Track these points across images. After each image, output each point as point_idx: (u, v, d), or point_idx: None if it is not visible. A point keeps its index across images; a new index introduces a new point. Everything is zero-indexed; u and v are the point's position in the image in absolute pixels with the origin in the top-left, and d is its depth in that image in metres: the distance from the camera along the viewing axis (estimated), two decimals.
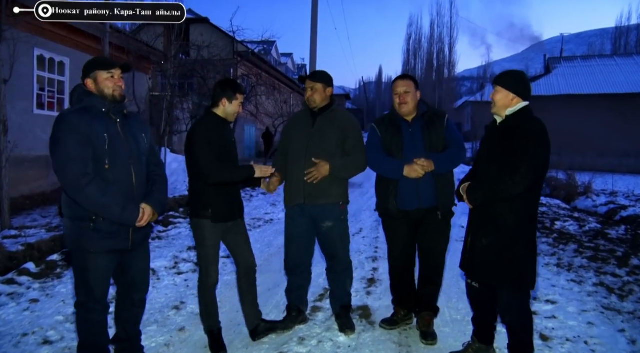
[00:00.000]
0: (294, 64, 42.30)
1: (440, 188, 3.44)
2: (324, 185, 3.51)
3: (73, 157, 2.52)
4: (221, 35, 18.56)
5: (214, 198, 3.26)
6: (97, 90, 2.71)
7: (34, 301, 4.00)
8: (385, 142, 3.57)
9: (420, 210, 3.47)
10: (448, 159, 3.45)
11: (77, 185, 2.52)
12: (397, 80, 3.58)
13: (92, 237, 2.64)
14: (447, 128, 3.51)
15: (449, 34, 52.94)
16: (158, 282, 4.71)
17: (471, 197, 2.96)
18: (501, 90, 2.95)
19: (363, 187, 13.68)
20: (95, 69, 2.72)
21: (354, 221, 8.39)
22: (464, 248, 3.12)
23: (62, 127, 2.57)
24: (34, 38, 9.41)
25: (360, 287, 4.71)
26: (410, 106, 3.50)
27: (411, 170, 3.36)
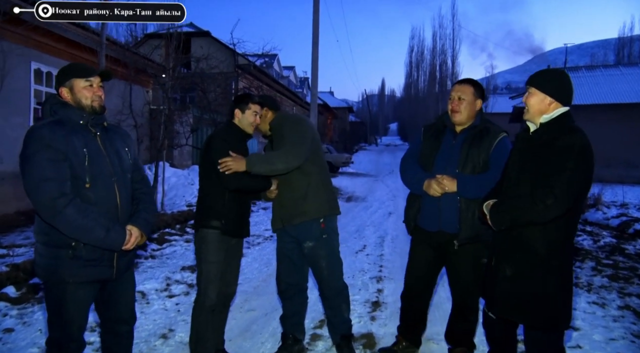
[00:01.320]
0: (296, 77, 42.24)
1: (464, 214, 2.99)
2: (295, 202, 3.25)
3: (47, 177, 2.23)
4: (222, 48, 18.42)
5: (227, 208, 3.07)
6: (74, 100, 2.43)
7: (8, 331, 3.68)
8: (422, 149, 3.25)
9: (444, 233, 3.08)
10: (477, 183, 2.93)
11: (54, 208, 2.22)
12: (454, 84, 3.22)
13: (70, 265, 2.33)
14: (495, 148, 3.01)
15: (451, 46, 52.82)
16: (147, 306, 4.39)
17: (495, 218, 2.54)
18: (536, 92, 2.52)
19: (366, 201, 13.38)
20: (72, 77, 2.43)
21: (357, 237, 8.08)
22: (486, 273, 2.73)
23: (34, 142, 2.27)
24: (30, 51, 9.23)
25: (363, 311, 4.38)
26: (464, 115, 3.08)
27: (429, 187, 3.02)
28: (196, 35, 19.21)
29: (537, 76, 2.58)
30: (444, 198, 3.02)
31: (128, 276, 2.66)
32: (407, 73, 67.02)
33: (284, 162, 3.07)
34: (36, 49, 9.52)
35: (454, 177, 2.96)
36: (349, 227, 9.07)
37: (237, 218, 3.16)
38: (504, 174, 2.71)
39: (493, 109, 39.10)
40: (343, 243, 7.49)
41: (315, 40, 15.77)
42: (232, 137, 3.17)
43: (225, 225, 3.09)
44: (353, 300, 4.64)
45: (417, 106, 58.81)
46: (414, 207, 3.23)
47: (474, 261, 3.06)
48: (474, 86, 3.12)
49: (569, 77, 2.59)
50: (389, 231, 8.65)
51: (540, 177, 2.39)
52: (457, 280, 3.18)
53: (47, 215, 2.24)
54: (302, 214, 3.25)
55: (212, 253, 3.09)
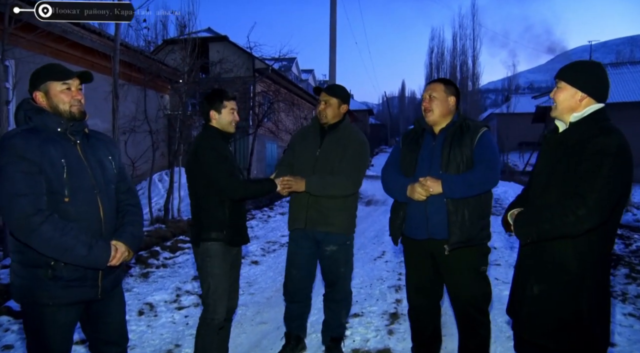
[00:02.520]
0: (315, 80, 42.11)
1: (452, 216, 2.76)
2: (327, 212, 3.26)
3: (20, 192, 2.03)
4: (239, 52, 18.36)
5: (228, 217, 2.92)
6: (50, 105, 2.22)
7: (7, 348, 3.55)
8: (402, 156, 3.06)
9: (434, 241, 2.84)
10: (464, 181, 2.74)
11: (28, 226, 2.02)
12: (427, 84, 3.07)
13: (49, 286, 2.14)
14: (478, 144, 2.82)
15: (471, 46, 52.04)
16: (155, 319, 4.22)
17: (521, 231, 2.26)
18: (566, 87, 2.25)
19: (386, 205, 13.07)
20: (47, 80, 2.21)
21: (376, 243, 7.82)
22: (512, 290, 2.46)
23: (5, 153, 2.06)
24: (47, 59, 9.23)
25: (381, 324, 4.13)
26: (436, 114, 2.92)
27: (413, 191, 2.80)
28: (213, 40, 19.20)
29: (568, 68, 2.31)
30: (430, 203, 2.81)
31: (115, 294, 2.45)
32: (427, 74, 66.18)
33: (344, 190, 3.25)
34: (52, 56, 9.53)
35: (439, 178, 2.75)
36: (368, 232, 8.81)
37: (238, 226, 3.04)
38: (530, 179, 2.45)
39: (515, 109, 38.41)
40: (361, 249, 7.31)
41: (332, 44, 15.56)
42: (216, 142, 3.00)
43: (227, 235, 2.95)
44: (370, 311, 4.44)
45: None
46: (399, 217, 3.01)
47: (471, 269, 2.84)
48: (444, 83, 2.99)
49: (605, 70, 2.30)
50: None
51: (571, 184, 2.12)
52: (456, 290, 2.92)
53: (21, 234, 2.05)
54: (329, 225, 3.28)
55: (217, 266, 2.94)
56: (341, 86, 3.46)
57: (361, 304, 4.66)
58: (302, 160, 3.37)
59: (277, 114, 17.82)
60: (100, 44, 10.01)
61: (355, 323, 4.15)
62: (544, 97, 30.23)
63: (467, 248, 2.79)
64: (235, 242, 3.01)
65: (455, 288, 2.90)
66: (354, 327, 4.05)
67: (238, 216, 3.04)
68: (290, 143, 3.63)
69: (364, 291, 5.11)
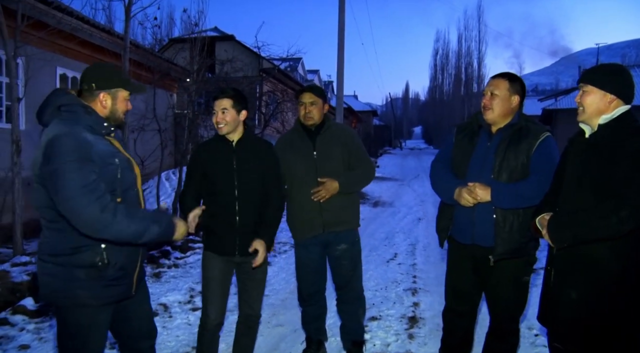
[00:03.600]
0: (320, 80, 42.05)
1: (500, 227, 2.62)
2: (341, 210, 3.29)
3: (85, 191, 1.95)
4: (246, 51, 18.33)
5: (208, 222, 2.83)
6: (111, 109, 2.23)
7: (24, 347, 3.49)
8: (454, 152, 2.90)
9: (478, 247, 2.73)
10: (515, 192, 2.57)
11: (100, 223, 1.96)
12: (489, 79, 2.87)
13: (92, 286, 2.09)
14: (536, 150, 2.62)
15: (477, 47, 52.13)
16: (170, 320, 4.16)
17: (556, 235, 2.20)
18: (593, 90, 2.22)
19: (394, 206, 13.00)
20: (120, 86, 2.24)
21: (387, 245, 7.74)
22: (544, 297, 2.39)
23: (65, 153, 1.96)
24: (56, 56, 9.20)
25: (400, 328, 4.05)
26: (496, 113, 2.70)
27: (459, 196, 2.67)
28: (220, 39, 19.17)
29: (595, 72, 2.30)
30: (478, 209, 2.67)
31: (142, 288, 2.46)
32: (431, 76, 66.44)
33: (370, 177, 3.43)
34: (61, 54, 9.51)
35: (488, 185, 2.61)
36: (378, 233, 8.74)
37: (220, 234, 2.84)
38: (558, 184, 2.38)
39: None
40: (373, 251, 7.24)
41: (340, 45, 15.50)
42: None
43: (207, 241, 2.92)
44: (387, 315, 4.37)
45: (441, 109, 58.12)
46: (445, 217, 2.90)
47: (513, 279, 2.72)
48: (509, 80, 2.73)
49: (629, 72, 2.30)
50: (420, 238, 8.29)
51: (606, 185, 2.08)
52: (495, 299, 2.82)
53: (94, 232, 1.98)
54: (344, 223, 3.31)
55: (206, 268, 2.93)
56: (319, 86, 3.51)
57: (378, 307, 4.59)
58: (299, 166, 3.27)
59: (284, 114, 17.76)
60: (109, 42, 9.96)
61: (374, 326, 4.08)
62: (550, 100, 30.12)
63: (512, 259, 2.68)
64: (212, 249, 2.89)
65: (495, 295, 2.80)
66: (373, 330, 3.98)
67: (221, 223, 2.84)
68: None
69: (380, 294, 5.04)
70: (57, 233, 2.07)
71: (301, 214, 3.31)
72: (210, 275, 2.88)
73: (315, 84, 3.73)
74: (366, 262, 6.29)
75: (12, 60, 6.31)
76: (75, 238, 2.05)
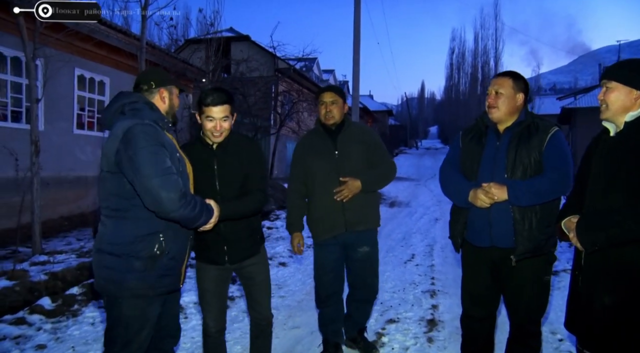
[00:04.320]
0: (335, 80, 41.97)
1: (519, 225, 2.54)
2: (363, 209, 3.30)
3: (170, 171, 2.10)
4: (262, 52, 18.35)
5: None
6: (169, 104, 2.42)
7: (41, 347, 3.49)
8: (462, 155, 2.83)
9: (497, 249, 2.63)
10: (532, 188, 2.49)
11: (175, 205, 2.07)
12: (492, 78, 2.82)
13: (147, 277, 2.17)
14: (548, 145, 2.56)
15: (494, 46, 51.56)
16: (185, 321, 4.13)
17: (586, 238, 2.11)
18: (618, 86, 2.14)
19: (410, 206, 12.90)
20: (173, 84, 2.45)
21: (404, 246, 7.65)
22: (571, 302, 2.29)
23: (144, 137, 2.11)
24: (74, 58, 9.29)
25: (419, 332, 3.97)
26: (502, 111, 2.64)
27: (475, 198, 2.58)
28: (236, 40, 19.22)
29: (620, 68, 2.22)
30: (494, 210, 2.58)
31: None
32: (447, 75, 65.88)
33: (392, 176, 3.43)
34: (79, 56, 9.59)
35: (504, 184, 2.53)
36: (395, 234, 8.65)
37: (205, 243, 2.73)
38: (582, 184, 2.29)
39: (539, 111, 37.73)
40: (390, 252, 7.15)
41: (356, 44, 15.40)
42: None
43: (195, 250, 2.77)
44: (406, 318, 4.30)
45: (457, 109, 57.61)
46: (459, 221, 2.79)
47: (534, 279, 2.63)
48: (513, 78, 2.69)
49: None
50: (437, 239, 8.17)
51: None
52: (516, 300, 2.71)
53: (167, 211, 2.07)
54: (366, 222, 3.31)
55: (199, 279, 2.87)
56: (339, 87, 3.51)
57: (396, 309, 4.51)
58: (321, 166, 3.29)
59: (300, 114, 17.73)
60: (125, 43, 10.03)
61: (392, 329, 4.00)
62: (569, 99, 29.65)
63: (533, 257, 2.59)
64: (200, 258, 2.82)
65: (515, 297, 2.70)
66: (390, 333, 3.91)
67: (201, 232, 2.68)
68: (297, 157, 3.48)
69: (397, 296, 4.95)
70: (120, 222, 2.16)
71: (323, 214, 3.29)
72: (204, 287, 2.83)
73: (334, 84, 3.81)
74: (383, 263, 6.21)
75: (31, 61, 6.37)
76: (137, 227, 2.15)
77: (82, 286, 4.74)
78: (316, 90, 24.22)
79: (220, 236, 2.68)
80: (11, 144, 7.55)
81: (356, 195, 3.21)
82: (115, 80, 10.74)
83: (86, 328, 3.84)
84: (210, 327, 2.85)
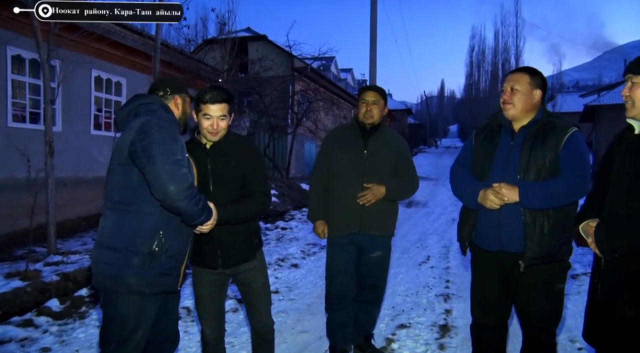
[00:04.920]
0: (353, 79, 41.82)
1: (529, 229, 2.40)
2: (381, 215, 3.28)
3: (178, 163, 2.12)
4: (278, 51, 18.32)
5: None
6: (182, 111, 2.49)
7: (45, 350, 3.46)
8: (474, 154, 2.69)
9: (506, 254, 2.49)
10: (546, 191, 2.36)
11: (182, 195, 2.08)
12: (507, 74, 2.69)
13: (145, 273, 2.15)
14: (565, 146, 2.41)
15: (514, 43, 50.74)
16: (192, 325, 4.08)
17: (607, 244, 1.98)
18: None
19: (428, 206, 12.72)
20: (185, 93, 2.52)
21: (420, 247, 7.51)
22: (590, 312, 2.16)
23: (162, 130, 2.16)
24: (91, 59, 9.36)
25: (430, 338, 3.84)
26: (517, 108, 2.51)
27: (484, 198, 2.45)
28: (252, 40, 19.22)
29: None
30: (504, 212, 2.44)
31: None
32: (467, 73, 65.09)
33: (414, 190, 3.46)
34: (95, 56, 9.66)
35: (515, 185, 2.39)
36: (411, 235, 8.50)
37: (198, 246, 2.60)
38: (602, 186, 2.14)
39: (562, 108, 37.06)
40: (405, 253, 7.02)
41: (373, 43, 15.25)
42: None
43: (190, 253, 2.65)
44: (417, 323, 4.18)
45: (478, 107, 56.88)
46: (467, 223, 2.65)
47: (546, 287, 2.48)
48: (530, 74, 2.55)
49: None
50: (454, 240, 7.96)
51: None
52: (526, 308, 2.56)
53: (173, 199, 2.07)
54: (381, 228, 3.30)
55: (193, 285, 2.79)
56: (383, 88, 3.46)
57: (408, 314, 4.39)
58: (347, 161, 3.28)
59: (316, 113, 17.65)
60: (141, 44, 10.08)
61: (403, 335, 3.88)
62: (593, 96, 28.95)
63: (544, 264, 2.45)
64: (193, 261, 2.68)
65: (526, 305, 2.55)
66: (401, 339, 3.79)
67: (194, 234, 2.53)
68: (325, 147, 3.47)
69: (410, 299, 4.83)
70: (123, 216, 2.16)
71: (341, 209, 3.26)
72: (199, 293, 2.74)
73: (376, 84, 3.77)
74: (397, 265, 6.10)
75: (45, 63, 6.41)
76: (138, 221, 2.15)
77: (90, 287, 4.74)
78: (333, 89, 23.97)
79: (214, 239, 2.58)
80: (29, 145, 7.63)
81: (378, 200, 3.21)
82: (132, 81, 10.80)
83: (92, 330, 3.81)
84: (207, 334, 2.77)
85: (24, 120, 8.55)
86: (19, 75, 8.36)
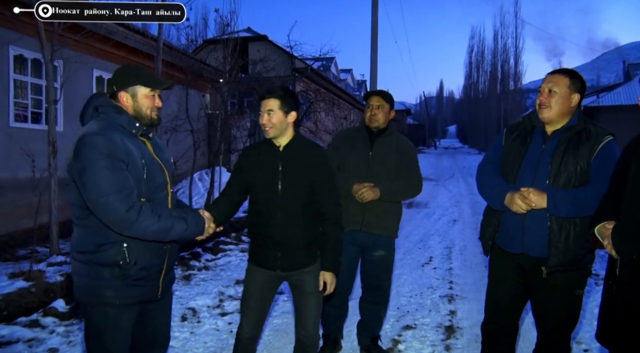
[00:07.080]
0: (353, 79, 41.84)
1: (555, 236, 2.39)
2: (383, 215, 3.33)
3: (111, 189, 1.99)
4: (279, 51, 18.30)
5: (252, 233, 2.71)
6: (133, 107, 2.21)
7: (52, 351, 3.46)
8: (504, 154, 2.66)
9: (528, 257, 2.50)
10: (575, 200, 2.33)
11: (127, 221, 2.00)
12: (546, 75, 2.62)
13: (116, 285, 2.11)
14: (598, 155, 2.38)
15: (514, 44, 50.68)
16: (198, 325, 4.07)
17: (623, 247, 1.97)
18: None
19: (429, 207, 12.72)
20: (137, 83, 2.21)
21: (422, 248, 7.51)
22: (604, 314, 2.16)
23: (91, 152, 2.01)
24: (92, 59, 9.36)
25: (436, 339, 3.85)
26: (554, 111, 2.47)
27: (511, 202, 2.43)
28: (253, 40, 19.23)
29: None
30: (530, 216, 2.44)
31: (168, 295, 2.44)
32: (466, 74, 65.06)
33: (415, 193, 3.47)
34: (97, 57, 9.66)
35: (544, 191, 2.37)
36: (413, 235, 8.51)
37: (259, 246, 2.67)
38: (619, 187, 2.12)
39: None
40: (407, 254, 7.02)
41: (374, 43, 15.28)
42: None
43: (249, 251, 2.78)
44: (423, 324, 4.18)
45: (477, 108, 56.90)
46: (492, 224, 2.65)
47: (566, 292, 2.48)
48: (570, 77, 2.50)
49: None
50: (456, 241, 8.02)
51: None
52: (545, 314, 2.58)
53: (122, 229, 2.03)
54: (382, 227, 3.32)
55: (245, 282, 2.77)
56: (389, 93, 3.51)
57: (413, 315, 4.39)
58: (353, 162, 3.37)
59: (317, 113, 17.65)
60: (143, 44, 10.07)
61: (409, 336, 3.89)
62: (592, 97, 28.99)
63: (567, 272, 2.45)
64: (252, 260, 2.73)
65: (544, 309, 2.56)
66: (407, 340, 3.80)
67: (256, 234, 2.68)
68: (335, 143, 3.59)
69: (415, 300, 4.84)
70: (84, 230, 2.11)
71: (344, 206, 3.16)
72: (249, 290, 2.72)
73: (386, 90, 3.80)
74: (400, 266, 6.10)
75: (49, 63, 6.41)
76: (99, 235, 2.08)
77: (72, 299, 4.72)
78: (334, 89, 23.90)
79: (273, 240, 2.58)
80: (31, 144, 7.62)
81: (379, 202, 3.25)
82: None
83: None
84: (244, 331, 2.71)
85: (26, 120, 8.54)
86: (21, 75, 8.35)
